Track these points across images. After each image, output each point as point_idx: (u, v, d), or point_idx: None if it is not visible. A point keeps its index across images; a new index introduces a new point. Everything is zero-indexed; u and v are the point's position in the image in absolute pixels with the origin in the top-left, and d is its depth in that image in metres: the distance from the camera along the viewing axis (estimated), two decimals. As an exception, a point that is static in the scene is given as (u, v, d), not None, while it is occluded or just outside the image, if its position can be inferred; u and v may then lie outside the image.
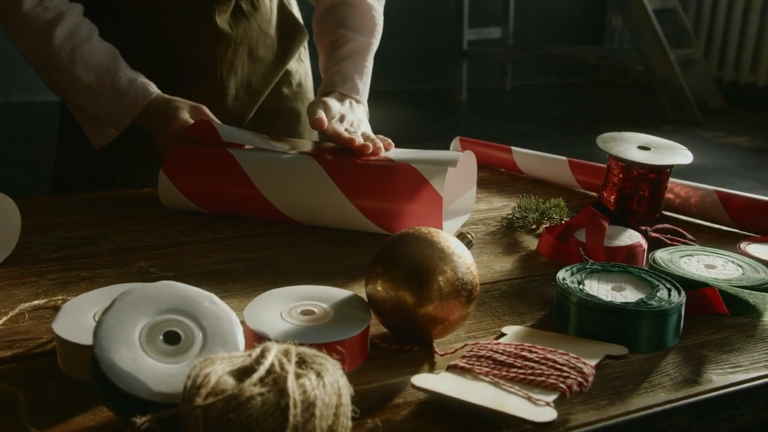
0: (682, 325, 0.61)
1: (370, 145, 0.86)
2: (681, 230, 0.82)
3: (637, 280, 0.64)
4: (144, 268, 0.73)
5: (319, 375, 0.43)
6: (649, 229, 0.82)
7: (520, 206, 0.89)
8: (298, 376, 0.42)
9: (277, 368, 0.42)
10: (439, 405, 0.50)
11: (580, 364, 0.51)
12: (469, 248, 0.61)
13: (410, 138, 3.54)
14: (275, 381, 0.41)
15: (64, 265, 0.74)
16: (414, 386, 0.50)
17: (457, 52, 4.76)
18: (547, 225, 0.84)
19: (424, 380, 0.50)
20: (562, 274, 0.64)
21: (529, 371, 0.50)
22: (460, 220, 0.90)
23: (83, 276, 0.71)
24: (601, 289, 0.62)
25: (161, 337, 0.48)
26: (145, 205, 0.94)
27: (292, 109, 1.24)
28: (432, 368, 0.55)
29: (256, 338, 0.53)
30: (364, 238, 0.82)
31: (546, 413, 0.46)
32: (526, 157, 1.10)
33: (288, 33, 1.21)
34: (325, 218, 0.84)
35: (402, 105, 4.85)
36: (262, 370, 0.42)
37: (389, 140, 0.91)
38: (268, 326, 0.54)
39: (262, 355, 0.43)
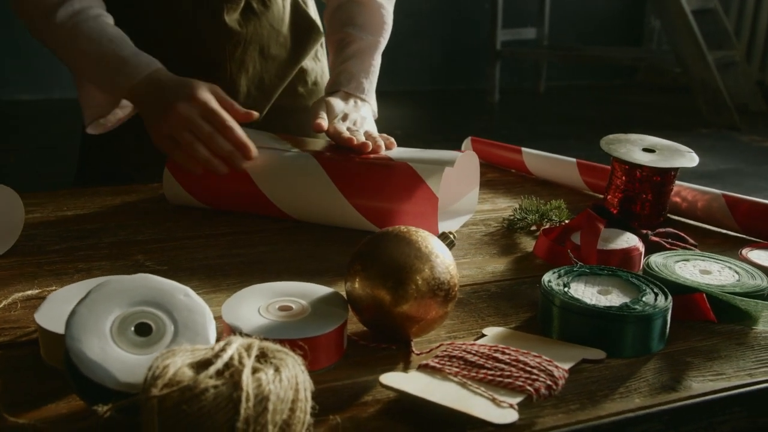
0: (668, 331, 0.60)
1: (369, 143, 0.86)
2: (683, 234, 0.81)
3: (625, 284, 0.63)
4: (140, 262, 0.75)
5: (277, 370, 0.43)
6: (650, 232, 0.80)
7: (521, 207, 0.88)
8: (255, 371, 0.43)
9: (236, 362, 0.43)
10: (406, 404, 0.50)
11: (551, 367, 0.51)
12: (450, 248, 0.61)
13: (440, 139, 3.54)
14: (231, 374, 0.42)
15: (63, 256, 0.76)
16: (382, 384, 0.50)
17: (491, 53, 4.74)
18: (546, 227, 0.83)
19: (391, 379, 0.50)
20: (548, 277, 0.63)
21: (498, 373, 0.50)
22: (461, 220, 0.89)
23: (80, 268, 0.73)
24: (586, 293, 0.61)
25: (132, 329, 0.49)
26: (151, 201, 0.96)
27: (307, 108, 1.24)
28: (407, 367, 0.55)
29: (231, 332, 0.54)
30: (361, 237, 0.82)
31: (508, 415, 0.46)
32: (535, 158, 1.09)
33: (302, 31, 1.22)
34: (322, 216, 0.85)
35: (433, 105, 4.85)
36: (219, 363, 0.42)
37: (392, 139, 0.91)
38: (243, 321, 0.54)
39: (223, 348, 0.44)
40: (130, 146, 1.11)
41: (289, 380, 0.43)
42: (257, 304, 0.57)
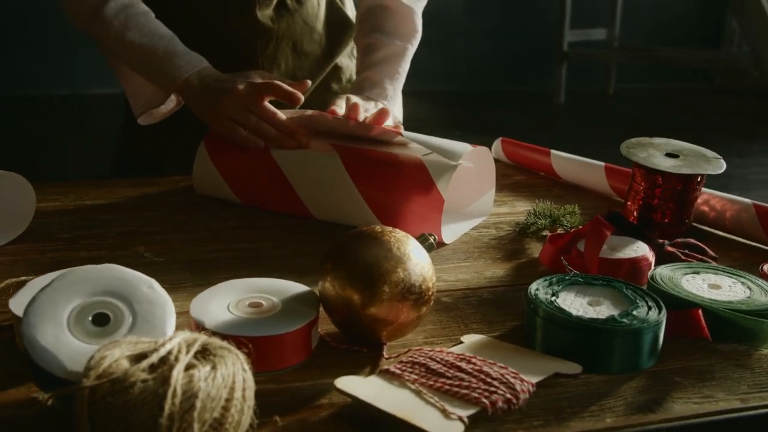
0: (659, 347, 0.56)
1: (360, 112, 0.87)
2: (703, 246, 0.76)
3: (619, 295, 0.59)
4: (139, 253, 0.76)
5: (213, 367, 0.42)
6: (667, 242, 0.76)
7: (535, 212, 0.85)
8: (189, 367, 0.42)
9: (172, 357, 0.42)
10: (359, 410, 0.48)
11: (514, 380, 0.48)
12: (429, 251, 0.59)
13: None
14: (164, 369, 0.41)
15: (69, 245, 0.77)
16: (336, 388, 0.48)
17: (557, 53, 4.63)
18: (556, 232, 0.79)
19: (346, 383, 0.49)
20: (536, 285, 0.60)
21: (457, 383, 0.48)
22: (473, 222, 0.87)
23: (81, 257, 0.74)
24: (575, 303, 0.58)
25: (90, 318, 0.49)
26: (170, 193, 0.97)
27: None
28: (374, 371, 0.54)
29: (196, 327, 0.54)
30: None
31: (454, 427, 0.43)
32: (563, 161, 1.05)
33: (337, 29, 1.21)
34: (336, 211, 0.84)
35: (497, 106, 4.78)
36: (154, 357, 0.42)
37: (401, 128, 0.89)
38: (208, 316, 0.54)
39: (164, 343, 0.44)
40: (162, 138, 1.13)
41: (224, 378, 0.42)
42: (229, 299, 0.57)
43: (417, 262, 0.55)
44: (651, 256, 0.71)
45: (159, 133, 1.14)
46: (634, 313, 0.56)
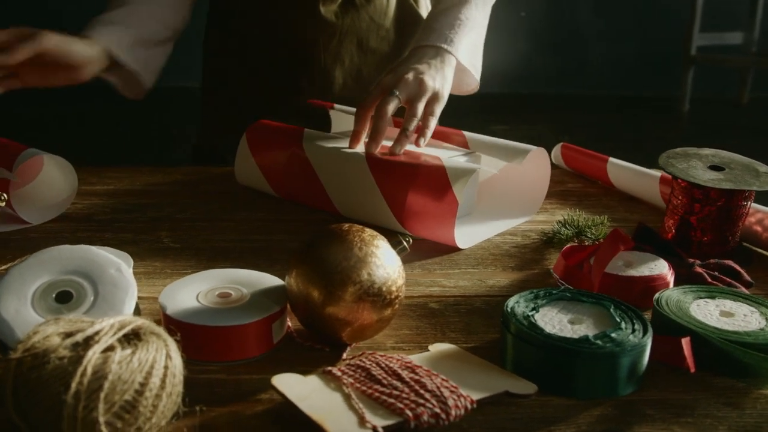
0: (640, 373, 0.51)
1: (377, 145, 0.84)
2: (739, 269, 0.68)
3: (604, 314, 0.55)
4: (159, 238, 0.79)
5: (134, 351, 0.43)
6: (698, 262, 0.69)
7: (564, 221, 0.80)
8: (109, 348, 0.43)
9: (97, 338, 0.43)
10: (291, 408, 0.47)
11: (449, 394, 0.45)
12: (401, 254, 0.57)
13: (612, 147, 3.32)
14: (82, 349, 0.42)
15: (101, 226, 0.82)
16: (271, 384, 0.48)
17: (684, 58, 4.36)
18: (578, 244, 0.75)
19: (281, 380, 0.48)
20: (516, 299, 0.57)
21: (389, 391, 0.46)
22: (509, 223, 0.84)
23: (105, 238, 0.78)
24: (554, 320, 0.54)
25: (54, 295, 0.52)
26: (215, 182, 1.00)
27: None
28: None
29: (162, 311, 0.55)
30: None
31: (363, 436, 0.42)
32: (618, 170, 0.99)
33: (407, 27, 1.21)
34: (358, 208, 0.83)
35: (617, 111, 4.57)
36: (79, 337, 0.43)
37: (424, 136, 0.86)
38: (173, 302, 0.55)
39: (96, 323, 0.45)
40: (227, 131, 1.18)
41: (141, 363, 0.43)
42: (200, 288, 0.58)
43: (381, 264, 0.53)
44: (669, 275, 0.65)
45: (224, 126, 1.18)
46: (612, 335, 0.51)
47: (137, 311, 0.56)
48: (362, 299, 0.52)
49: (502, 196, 0.91)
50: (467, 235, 0.80)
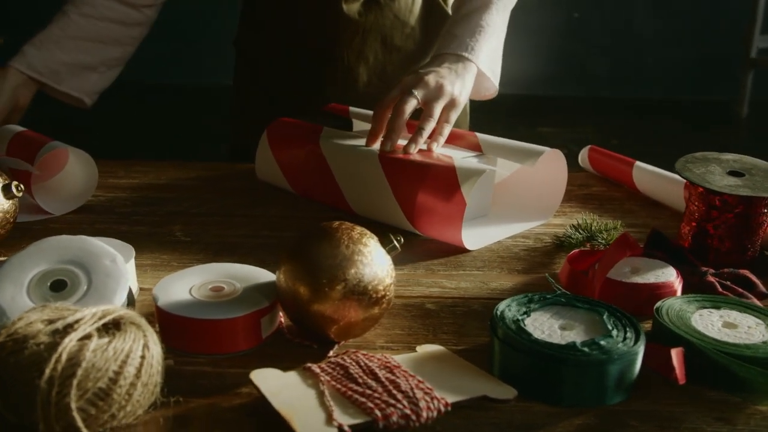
0: (630, 382, 0.50)
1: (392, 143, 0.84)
2: (754, 280, 0.66)
3: (597, 321, 0.53)
4: (172, 232, 0.80)
5: (111, 341, 0.44)
6: (711, 271, 0.67)
7: (577, 225, 0.78)
8: (86, 337, 0.44)
9: (77, 326, 0.45)
10: (266, 402, 0.48)
11: (422, 396, 0.45)
12: (391, 253, 0.56)
13: (660, 152, 3.23)
14: (60, 336, 0.44)
15: (119, 219, 0.84)
16: (250, 378, 0.48)
17: (743, 60, 4.21)
18: (586, 249, 0.73)
19: (260, 375, 0.48)
20: (508, 302, 0.56)
21: (362, 390, 0.46)
22: (522, 226, 0.83)
23: (120, 230, 0.80)
24: (544, 326, 0.53)
25: (49, 284, 0.53)
26: (236, 178, 1.02)
27: None
28: (312, 368, 0.53)
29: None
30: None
31: (327, 434, 0.42)
32: (644, 174, 0.96)
33: (433, 24, 1.20)
34: (370, 207, 0.83)
35: (672, 115, 4.44)
36: (60, 324, 0.45)
37: (437, 141, 0.86)
38: (165, 294, 0.56)
39: (78, 312, 0.46)
40: (253, 126, 1.19)
41: (116, 352, 0.44)
42: (195, 281, 0.58)
43: (369, 263, 0.53)
44: (677, 284, 0.63)
45: (254, 125, 1.20)
46: (601, 342, 0.50)
47: (131, 302, 0.57)
48: (348, 297, 0.52)
49: (517, 199, 0.89)
50: (477, 237, 0.79)
